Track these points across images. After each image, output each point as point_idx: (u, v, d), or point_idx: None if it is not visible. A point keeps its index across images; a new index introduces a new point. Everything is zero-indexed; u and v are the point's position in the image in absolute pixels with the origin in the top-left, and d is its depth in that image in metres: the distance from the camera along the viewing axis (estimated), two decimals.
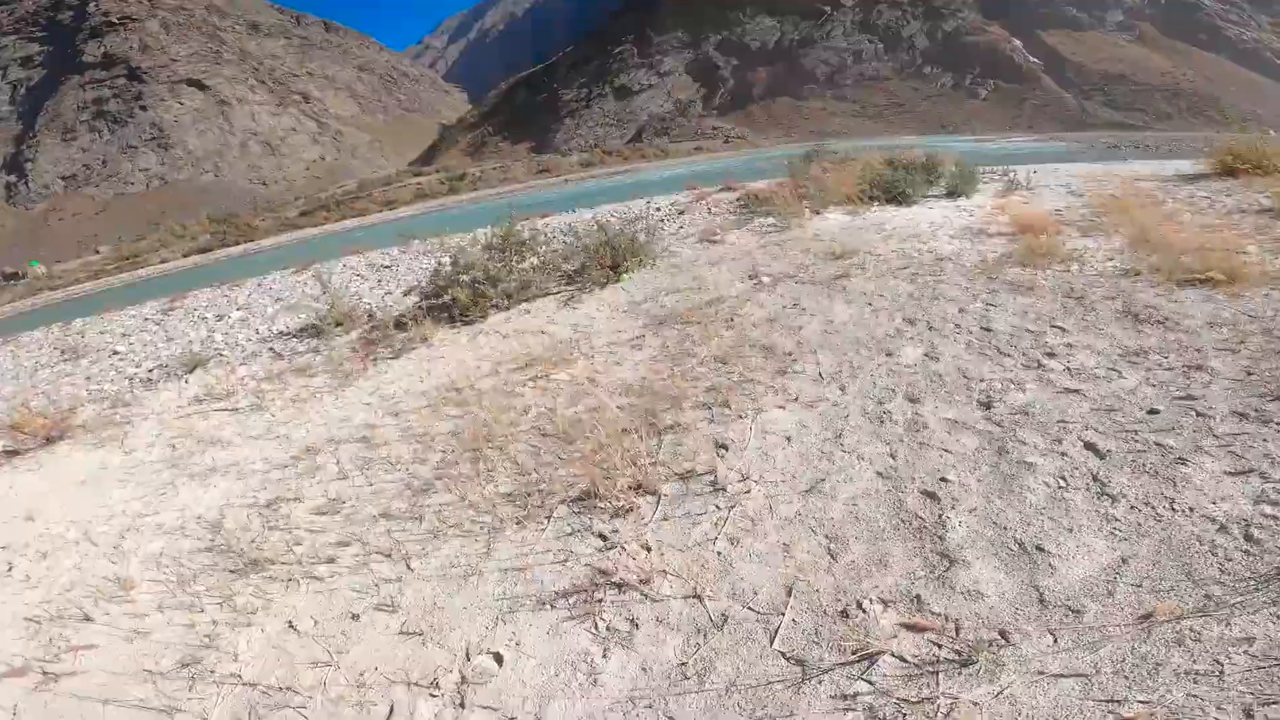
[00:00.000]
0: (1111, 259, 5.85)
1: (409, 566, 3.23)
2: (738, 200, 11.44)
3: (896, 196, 9.68)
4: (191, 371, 7.40)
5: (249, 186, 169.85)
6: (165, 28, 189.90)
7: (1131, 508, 2.67)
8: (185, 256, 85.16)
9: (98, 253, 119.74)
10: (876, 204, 9.55)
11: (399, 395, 5.47)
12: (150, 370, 8.05)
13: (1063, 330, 4.34)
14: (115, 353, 9.48)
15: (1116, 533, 2.58)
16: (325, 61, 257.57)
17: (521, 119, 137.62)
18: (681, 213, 11.19)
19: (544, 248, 7.78)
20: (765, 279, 6.33)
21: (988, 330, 4.53)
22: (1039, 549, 2.55)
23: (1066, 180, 10.85)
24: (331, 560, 3.53)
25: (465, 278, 7.04)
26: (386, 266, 11.54)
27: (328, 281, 8.03)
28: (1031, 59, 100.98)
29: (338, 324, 7.54)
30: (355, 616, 3.08)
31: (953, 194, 10.00)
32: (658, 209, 12.27)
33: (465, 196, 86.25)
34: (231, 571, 3.77)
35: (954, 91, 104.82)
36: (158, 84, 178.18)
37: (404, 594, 3.08)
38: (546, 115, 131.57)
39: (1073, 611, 2.31)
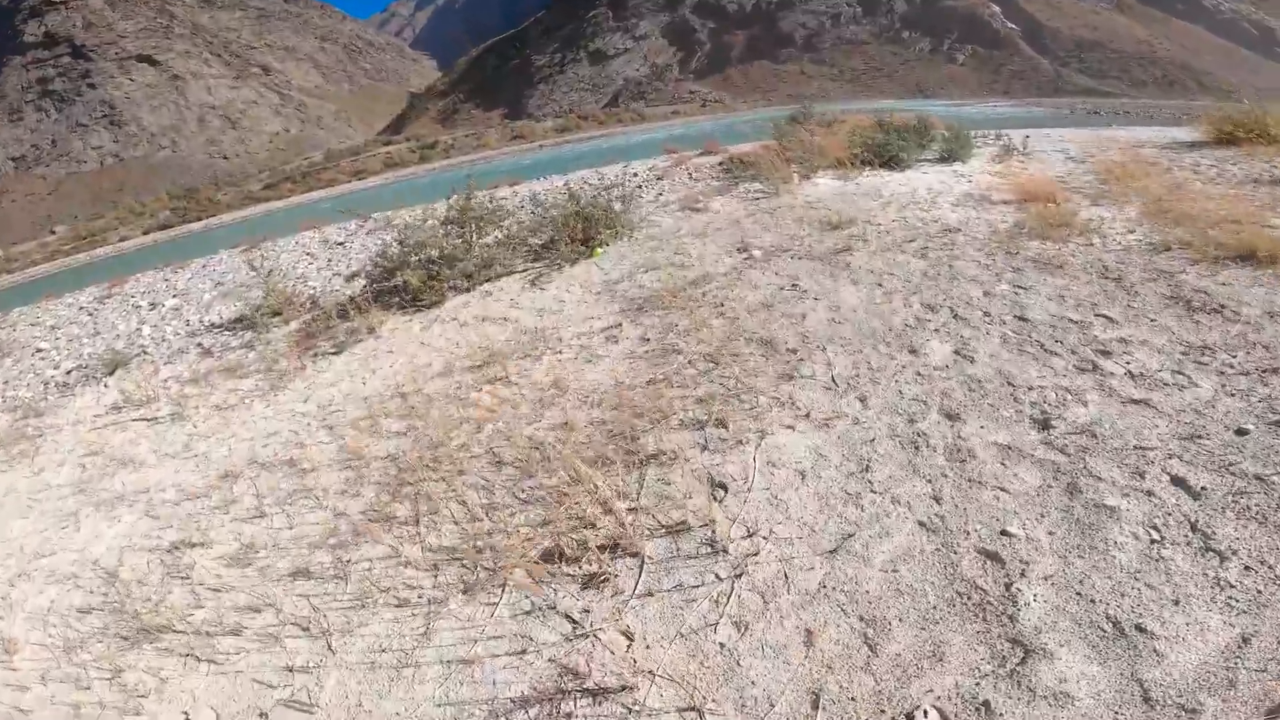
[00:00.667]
0: (1132, 231, 5.30)
1: (330, 647, 2.55)
2: (720, 165, 10.63)
3: (889, 160, 9.02)
4: (112, 373, 6.55)
5: (208, 160, 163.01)
6: (110, 4, 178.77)
7: (1246, 568, 2.08)
8: (146, 234, 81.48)
9: (53, 233, 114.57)
10: (869, 168, 8.88)
11: (336, 402, 4.71)
12: (69, 372, 7.16)
13: (1110, 320, 3.71)
14: (38, 350, 8.54)
15: (1232, 603, 1.99)
16: (285, 33, 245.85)
17: (493, 86, 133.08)
18: (660, 178, 10.34)
19: (509, 220, 6.94)
20: (756, 253, 5.62)
21: (1024, 320, 3.89)
22: (1139, 629, 1.95)
23: (1063, 146, 10.28)
24: (237, 631, 2.84)
25: (417, 258, 6.22)
26: (340, 243, 10.59)
27: (262, 265, 7.10)
28: (1009, 25, 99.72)
29: (275, 313, 6.70)
30: (263, 715, 2.41)
31: (947, 159, 9.37)
32: (635, 175, 11.40)
33: (437, 165, 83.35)
34: (124, 638, 3.10)
35: (932, 56, 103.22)
36: (105, 61, 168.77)
37: (323, 686, 2.40)
38: (519, 81, 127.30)
39: (1187, 711, 1.72)
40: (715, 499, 2.64)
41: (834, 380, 3.44)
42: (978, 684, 1.87)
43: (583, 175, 13.67)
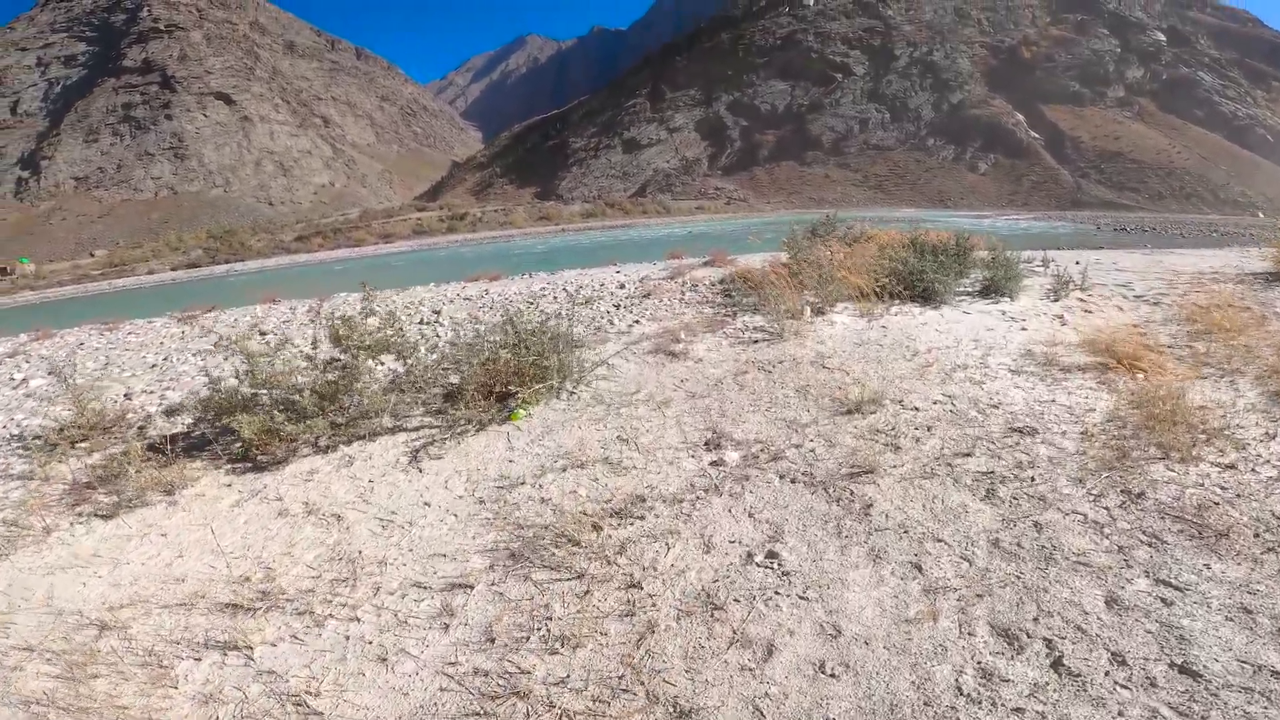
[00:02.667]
0: (1275, 435, 3.56)
1: None
2: (721, 283, 9.15)
3: (924, 293, 7.42)
4: None
5: (255, 204, 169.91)
6: (207, 39, 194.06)
7: None
8: (173, 270, 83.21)
9: (92, 255, 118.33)
10: (897, 302, 7.28)
11: (34, 619, 2.90)
12: None
13: None
14: None
15: None
16: (351, 87, 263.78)
17: (529, 163, 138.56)
18: (647, 295, 8.90)
19: (418, 350, 5.22)
20: (731, 455, 3.76)
21: (1191, 676, 2.00)
22: None
23: (1122, 277, 8.86)
24: None
25: (269, 393, 4.47)
26: (263, 332, 9.07)
27: (71, 374, 5.35)
28: (1033, 134, 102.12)
29: (76, 442, 4.92)
30: None
31: (991, 292, 7.78)
32: (621, 286, 10.14)
33: (461, 236, 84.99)
34: None
35: (954, 164, 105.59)
36: (187, 94, 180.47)
37: None
38: (554, 162, 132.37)
39: None
40: None
41: None
42: None
43: (569, 278, 12.49)
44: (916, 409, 4.34)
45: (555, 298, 9.77)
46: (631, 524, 3.14)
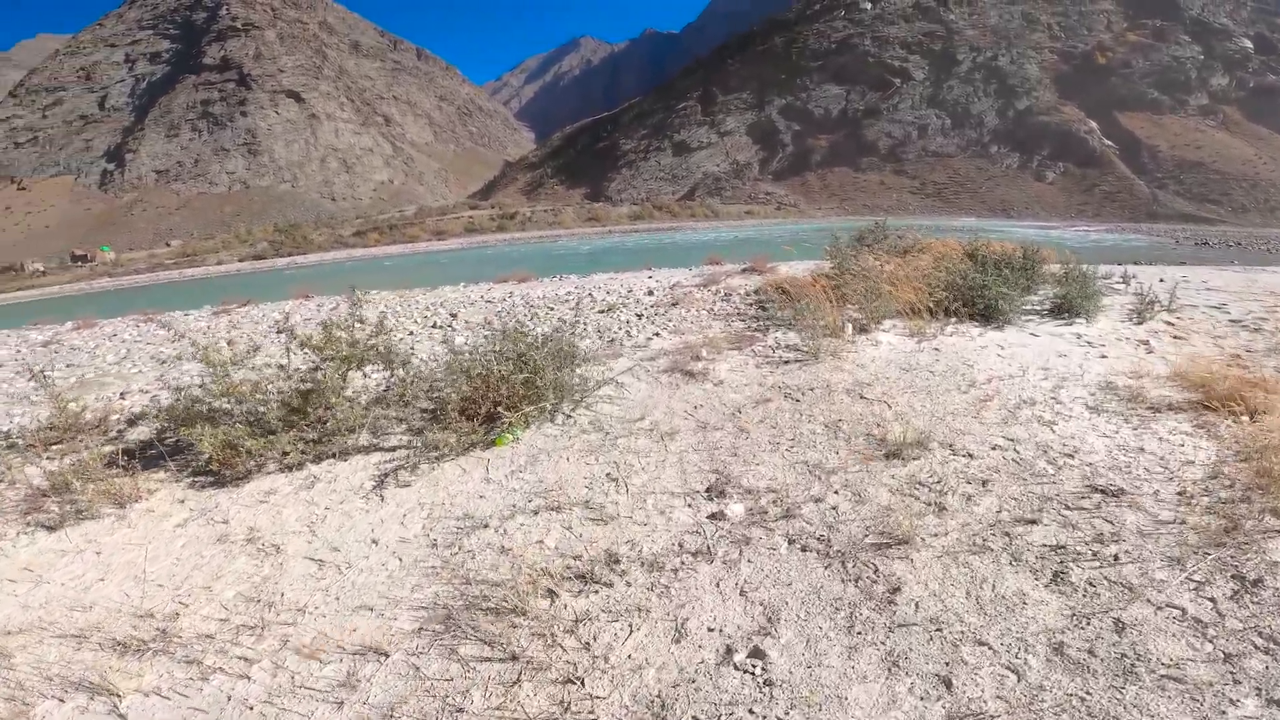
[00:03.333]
0: None
1: None
2: (757, 293, 8.50)
3: (985, 311, 6.57)
4: None
5: (319, 200, 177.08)
6: (280, 38, 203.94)
7: None
8: (240, 261, 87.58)
9: (168, 245, 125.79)
10: (953, 320, 6.48)
11: None
12: None
13: None
14: None
15: None
16: (411, 87, 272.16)
17: (580, 164, 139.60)
18: (675, 304, 8.36)
19: (409, 361, 4.81)
20: (735, 508, 3.14)
21: None
22: None
23: (1215, 298, 7.87)
24: None
25: (238, 406, 4.11)
26: (280, 332, 8.93)
27: (43, 375, 5.11)
28: (1106, 142, 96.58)
29: (51, 444, 4.68)
30: None
31: (1062, 311, 6.88)
32: (650, 292, 9.61)
33: (510, 235, 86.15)
34: None
35: (1019, 172, 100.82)
36: (261, 92, 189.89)
37: None
38: (604, 163, 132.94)
39: None
40: None
41: None
42: None
43: (599, 282, 12.02)
44: (970, 456, 3.63)
45: (578, 303, 9.30)
46: (595, 593, 2.58)
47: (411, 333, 8.25)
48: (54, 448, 4.71)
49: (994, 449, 3.71)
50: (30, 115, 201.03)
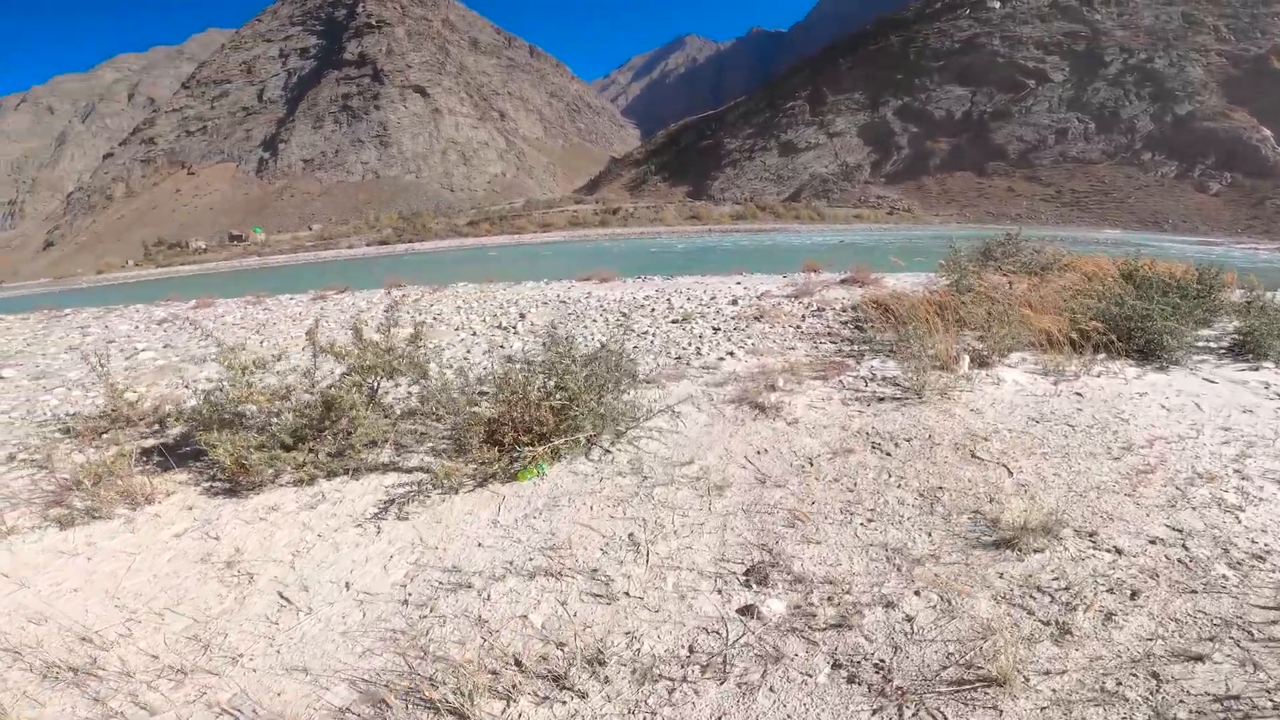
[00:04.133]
0: None
1: None
2: (856, 309, 7.48)
3: (1144, 346, 5.29)
4: None
5: (439, 191, 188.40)
6: (409, 35, 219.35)
7: None
8: (366, 245, 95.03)
9: (310, 229, 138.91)
10: (1101, 356, 5.22)
11: None
12: None
13: None
14: None
15: None
16: (524, 83, 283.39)
17: (683, 162, 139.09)
18: (759, 318, 7.52)
19: (444, 373, 4.45)
20: (774, 605, 2.35)
21: None
22: None
23: None
24: None
25: (276, 419, 3.87)
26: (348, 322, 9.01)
27: (100, 363, 5.10)
28: None
29: (102, 432, 4.68)
30: None
31: (1246, 350, 5.42)
32: (734, 301, 8.80)
33: (611, 230, 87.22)
34: None
35: (1176, 182, 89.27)
36: (392, 87, 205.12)
37: None
38: (708, 161, 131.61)
39: None
40: None
41: None
42: None
43: (683, 286, 11.31)
44: (1118, 552, 2.68)
45: (653, 310, 8.72)
46: (562, 703, 1.95)
47: (475, 333, 8.01)
48: (104, 436, 4.72)
49: (1153, 543, 2.72)
50: (200, 105, 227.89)
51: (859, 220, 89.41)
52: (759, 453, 3.78)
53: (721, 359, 5.88)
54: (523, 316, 8.81)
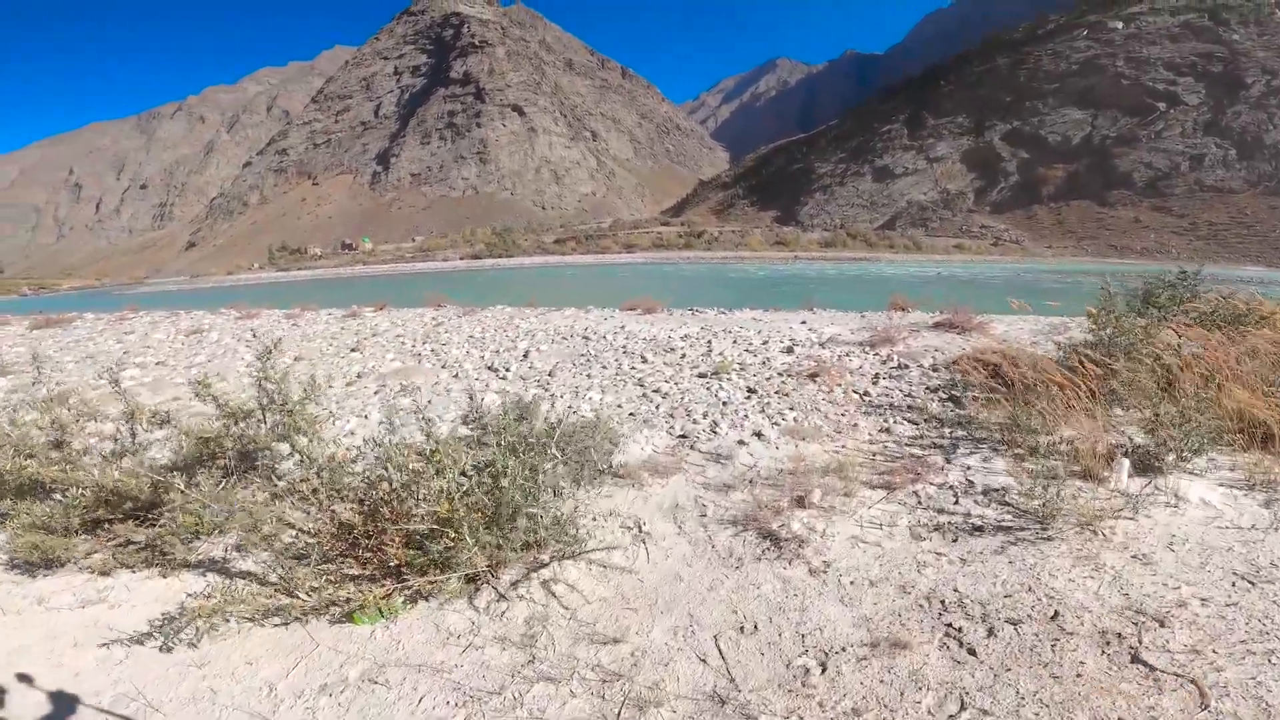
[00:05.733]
0: None
1: None
2: (951, 368, 5.72)
3: None
4: None
5: (531, 208, 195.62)
6: (509, 56, 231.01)
7: None
8: (460, 259, 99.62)
9: (413, 240, 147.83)
10: None
11: None
12: None
13: None
14: None
15: None
16: (616, 104, 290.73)
17: (772, 186, 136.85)
18: (814, 376, 5.87)
19: (338, 443, 3.65)
20: None
21: None
22: None
23: None
24: None
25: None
26: (415, 353, 8.53)
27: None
28: None
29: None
30: None
31: None
32: (790, 350, 7.13)
33: (693, 253, 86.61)
34: None
35: None
36: (492, 106, 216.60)
37: None
38: (797, 186, 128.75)
39: None
40: None
41: None
42: None
43: (738, 322, 9.95)
44: None
45: (683, 356, 7.32)
46: None
47: (458, 375, 6.99)
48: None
49: None
50: (326, 119, 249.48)
51: (959, 251, 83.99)
52: (742, 631, 2.41)
53: (742, 441, 4.40)
54: (525, 356, 7.81)
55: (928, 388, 5.36)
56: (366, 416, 5.40)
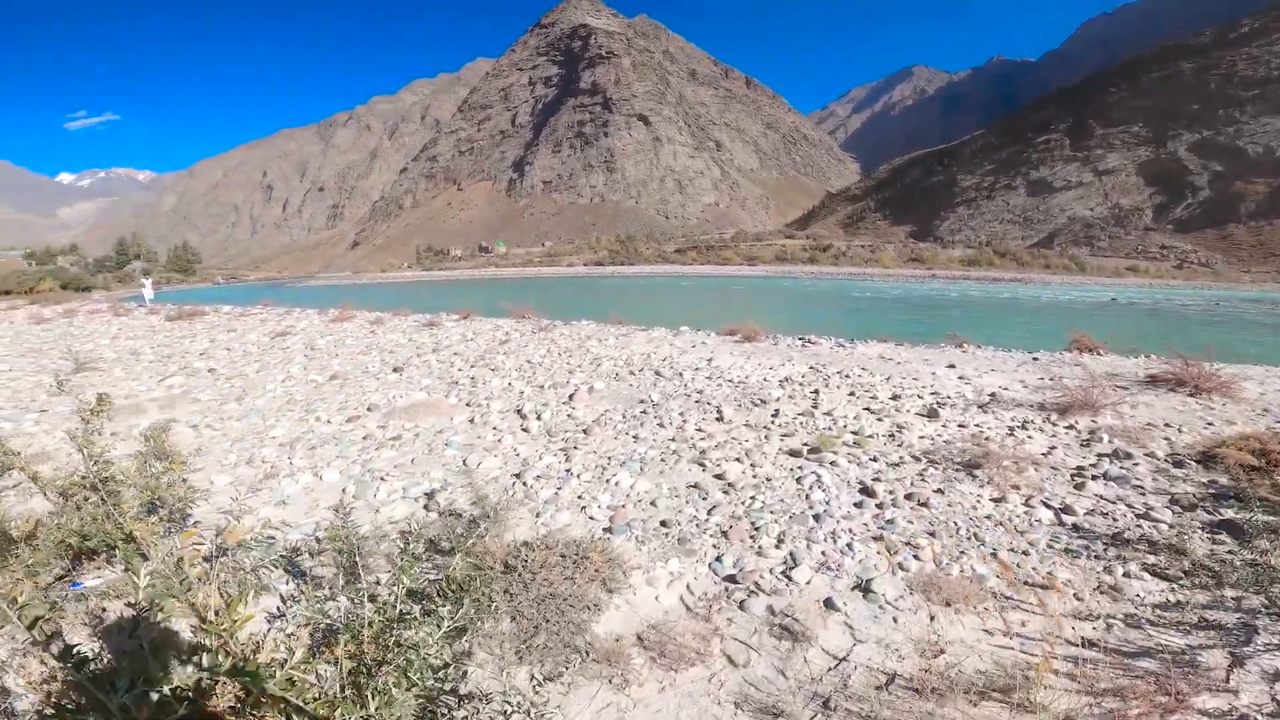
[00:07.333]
0: None
1: None
2: (1206, 462, 4.09)
3: None
4: None
5: (655, 217, 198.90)
6: (634, 66, 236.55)
7: None
8: (584, 265, 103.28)
9: (543, 245, 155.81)
10: None
11: None
12: None
13: None
14: None
15: None
16: (740, 114, 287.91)
17: (907, 200, 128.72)
18: (975, 466, 4.09)
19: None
20: None
21: None
22: None
23: None
24: None
25: None
26: (454, 382, 7.57)
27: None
28: None
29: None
30: None
31: None
32: (933, 413, 5.36)
33: (818, 268, 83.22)
34: None
35: None
36: (619, 115, 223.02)
37: None
38: (936, 200, 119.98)
39: None
40: None
41: None
42: None
43: (861, 360, 8.28)
44: None
45: (775, 413, 5.49)
46: None
47: (474, 420, 5.75)
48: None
49: None
50: (469, 128, 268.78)
51: (1132, 274, 73.93)
52: None
53: (833, 602, 2.69)
54: (571, 398, 6.19)
55: (1173, 499, 3.55)
56: (320, 476, 4.32)
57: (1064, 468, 4.08)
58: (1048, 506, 3.55)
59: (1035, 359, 8.38)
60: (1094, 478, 3.88)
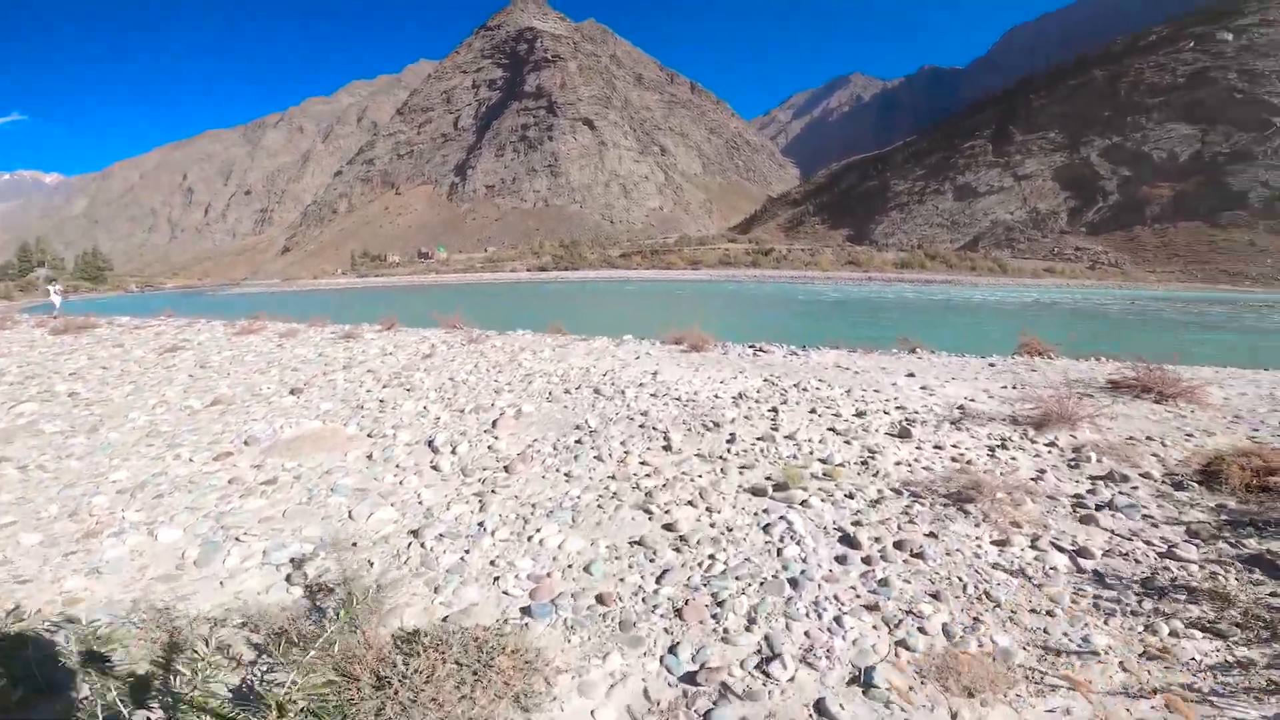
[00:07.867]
0: None
1: None
2: (1210, 483, 3.68)
3: None
4: None
5: (600, 221, 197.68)
6: (580, 70, 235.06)
7: None
8: (527, 270, 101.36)
9: (486, 250, 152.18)
10: None
11: None
12: None
13: None
14: None
15: None
16: (685, 119, 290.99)
17: (844, 204, 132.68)
18: (965, 500, 3.52)
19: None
20: None
21: None
22: None
23: None
24: None
25: None
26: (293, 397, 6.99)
27: None
28: None
29: None
30: None
31: None
32: (901, 432, 4.91)
33: (760, 272, 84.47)
34: None
35: None
36: (564, 119, 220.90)
37: None
38: (871, 204, 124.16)
39: None
40: None
41: None
42: None
43: (816, 372, 7.93)
44: None
45: (732, 439, 4.70)
46: None
47: (372, 456, 4.73)
48: None
49: None
50: (409, 131, 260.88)
51: (1050, 275, 78.23)
52: None
53: (824, 706, 2.05)
54: (495, 425, 5.25)
55: (1191, 531, 3.11)
56: (155, 535, 3.39)
57: (1061, 496, 3.60)
58: (1059, 549, 3.02)
59: (992, 364, 8.18)
60: (1098, 508, 3.41)
